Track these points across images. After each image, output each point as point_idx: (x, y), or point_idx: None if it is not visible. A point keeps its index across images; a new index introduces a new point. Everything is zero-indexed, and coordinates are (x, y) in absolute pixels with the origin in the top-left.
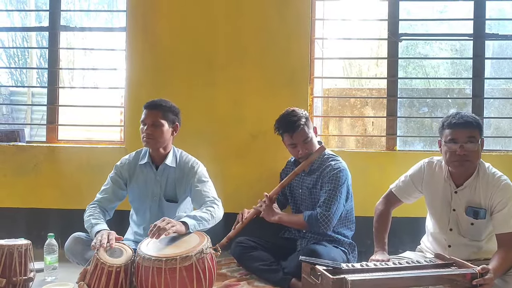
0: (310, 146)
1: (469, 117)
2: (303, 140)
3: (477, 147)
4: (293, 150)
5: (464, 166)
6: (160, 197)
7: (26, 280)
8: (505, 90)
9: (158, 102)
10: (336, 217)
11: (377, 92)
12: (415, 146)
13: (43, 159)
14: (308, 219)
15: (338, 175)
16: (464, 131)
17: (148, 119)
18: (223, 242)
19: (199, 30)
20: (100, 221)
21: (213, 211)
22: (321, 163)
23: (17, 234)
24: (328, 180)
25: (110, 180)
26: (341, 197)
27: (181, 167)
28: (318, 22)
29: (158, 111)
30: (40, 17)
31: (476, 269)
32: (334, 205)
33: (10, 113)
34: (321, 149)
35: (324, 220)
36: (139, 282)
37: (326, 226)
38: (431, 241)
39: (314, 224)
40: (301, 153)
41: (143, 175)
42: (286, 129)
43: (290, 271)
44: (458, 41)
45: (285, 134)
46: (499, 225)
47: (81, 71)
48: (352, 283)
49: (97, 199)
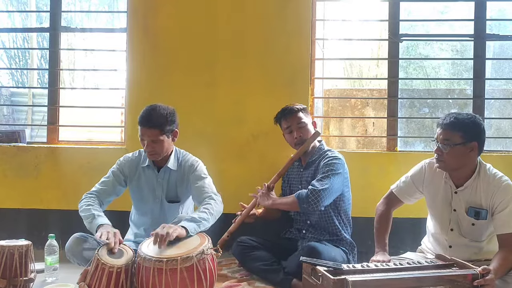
0: (305, 131)
1: (459, 119)
2: (297, 123)
3: (450, 150)
4: (289, 136)
5: (440, 165)
6: (162, 199)
7: (27, 281)
8: (505, 91)
9: (153, 118)
10: (327, 195)
11: (378, 92)
12: (416, 146)
13: (44, 160)
14: (299, 196)
15: (334, 162)
16: (442, 132)
17: (146, 136)
18: (224, 237)
19: (199, 31)
20: (102, 214)
21: (211, 208)
22: (319, 156)
23: (18, 235)
24: (324, 165)
25: (111, 174)
26: (334, 180)
27: (182, 167)
28: (318, 22)
29: (155, 129)
30: (41, 18)
31: (477, 270)
32: (326, 183)
33: (11, 114)
34: (316, 134)
35: (314, 195)
36: (140, 283)
37: (316, 202)
38: (432, 242)
39: (304, 200)
40: (296, 136)
41: (145, 177)
42: (282, 114)
43: (290, 271)
44: (459, 41)
45: (282, 120)
46: (500, 225)
47: (82, 72)
48: (353, 284)
49: (96, 190)
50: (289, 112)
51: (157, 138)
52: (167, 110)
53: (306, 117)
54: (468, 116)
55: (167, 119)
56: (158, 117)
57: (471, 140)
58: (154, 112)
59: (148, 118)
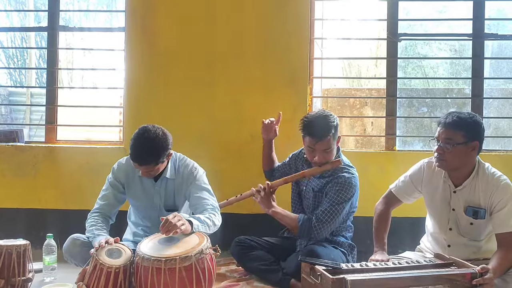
0: (328, 155)
1: (461, 118)
2: (324, 150)
3: (452, 149)
4: (310, 153)
5: (440, 164)
6: (160, 208)
7: (25, 280)
8: (504, 90)
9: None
10: (330, 230)
11: (377, 92)
12: (415, 146)
13: (42, 160)
14: (302, 224)
15: (347, 190)
16: (444, 131)
17: (140, 168)
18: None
19: (198, 30)
20: (103, 233)
21: (214, 219)
22: (334, 171)
23: (16, 235)
24: (335, 191)
25: (109, 185)
26: (342, 212)
27: (180, 174)
28: (317, 22)
29: (149, 165)
30: (39, 17)
31: (476, 269)
32: (333, 218)
33: (9, 114)
34: (336, 163)
35: (318, 229)
36: (139, 282)
37: (318, 235)
38: (430, 241)
39: (306, 230)
40: (317, 160)
41: (141, 186)
42: (312, 134)
43: (289, 272)
44: (457, 41)
45: (307, 137)
46: (499, 225)
47: (80, 72)
48: (352, 283)
49: (98, 207)
50: (319, 136)
51: (152, 169)
52: (159, 140)
53: (334, 140)
54: (470, 115)
55: (160, 153)
56: (151, 154)
57: (473, 139)
58: (146, 149)
59: (141, 157)
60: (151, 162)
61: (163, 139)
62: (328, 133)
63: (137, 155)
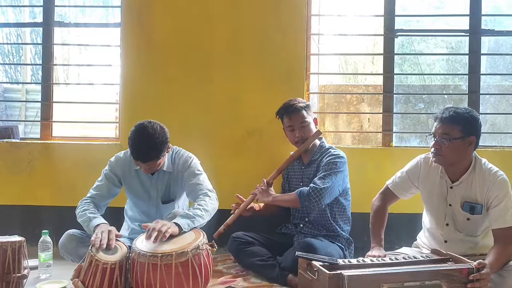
0: (307, 130)
1: (458, 113)
2: (300, 123)
3: (449, 144)
4: (291, 133)
5: (437, 159)
6: (157, 201)
7: (20, 277)
8: (500, 86)
9: (147, 155)
10: (328, 194)
11: (373, 88)
12: (411, 142)
13: (37, 156)
14: (300, 193)
15: (336, 161)
16: (441, 126)
17: (141, 166)
18: (220, 230)
19: (194, 26)
20: (97, 215)
21: (206, 205)
22: (321, 154)
23: (12, 232)
24: (326, 162)
25: (104, 176)
26: (336, 179)
27: (176, 166)
28: (314, 17)
29: (151, 161)
30: (34, 13)
31: (473, 264)
32: (328, 181)
33: (4, 110)
34: (317, 133)
35: (316, 193)
36: (135, 278)
37: (318, 200)
38: (427, 237)
39: (305, 198)
40: (298, 135)
41: (138, 179)
42: (286, 111)
43: (286, 267)
44: (454, 38)
45: (284, 116)
46: (495, 220)
47: (76, 69)
48: (349, 279)
49: (90, 195)
50: (293, 110)
51: (154, 164)
52: (158, 135)
53: (309, 116)
54: (467, 110)
55: (161, 148)
56: (153, 150)
57: (469, 134)
58: (148, 146)
59: (144, 154)
60: (154, 158)
61: (161, 133)
62: (299, 106)
63: (139, 153)
